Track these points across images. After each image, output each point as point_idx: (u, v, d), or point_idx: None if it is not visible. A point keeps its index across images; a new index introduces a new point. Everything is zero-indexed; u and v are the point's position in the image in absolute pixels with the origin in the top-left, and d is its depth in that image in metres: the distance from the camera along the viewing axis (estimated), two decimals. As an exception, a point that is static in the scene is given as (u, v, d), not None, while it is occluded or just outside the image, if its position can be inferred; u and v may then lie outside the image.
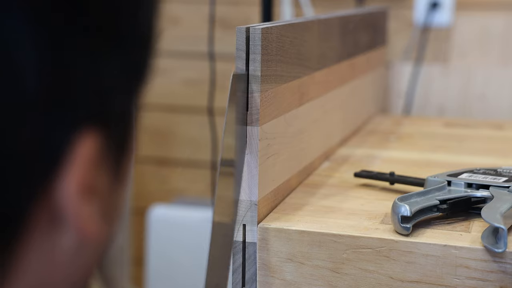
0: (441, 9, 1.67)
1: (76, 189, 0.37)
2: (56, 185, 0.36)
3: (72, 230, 0.38)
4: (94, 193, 0.38)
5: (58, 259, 0.39)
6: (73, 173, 0.37)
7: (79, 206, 0.37)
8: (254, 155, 0.79)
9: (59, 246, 0.38)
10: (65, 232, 0.38)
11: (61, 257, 0.39)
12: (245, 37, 0.79)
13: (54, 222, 0.37)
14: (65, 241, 0.38)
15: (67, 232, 0.38)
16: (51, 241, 0.38)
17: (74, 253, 0.39)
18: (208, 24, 1.71)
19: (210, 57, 1.70)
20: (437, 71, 1.67)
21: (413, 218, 0.78)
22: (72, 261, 0.39)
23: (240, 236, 0.80)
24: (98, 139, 0.38)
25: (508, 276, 0.73)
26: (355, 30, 1.23)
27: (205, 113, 1.78)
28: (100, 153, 0.38)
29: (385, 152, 1.18)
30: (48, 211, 0.37)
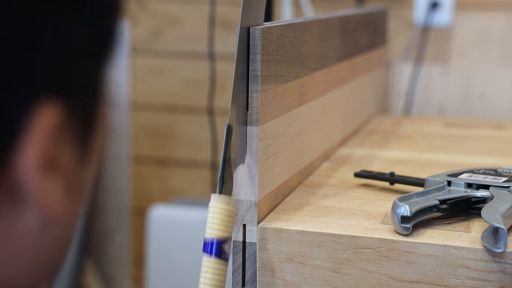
0: (441, 9, 1.67)
1: (36, 162, 0.35)
2: (14, 157, 0.34)
3: (34, 206, 0.36)
4: (56, 168, 0.36)
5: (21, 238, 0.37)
6: (32, 144, 0.34)
7: (40, 181, 0.35)
8: (254, 155, 0.79)
9: (21, 224, 0.36)
10: (27, 209, 0.36)
11: (25, 235, 0.37)
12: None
13: (15, 199, 0.35)
14: (28, 220, 0.36)
15: (30, 209, 0.36)
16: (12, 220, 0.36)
17: (39, 232, 0.37)
18: (208, 24, 1.71)
19: (210, 57, 1.70)
20: (437, 71, 1.68)
21: (413, 218, 0.78)
22: (38, 240, 0.37)
23: (240, 236, 0.80)
24: (60, 110, 0.35)
25: (508, 276, 0.73)
26: (355, 30, 1.23)
27: (205, 113, 1.78)
28: (63, 125, 0.36)
29: (385, 152, 1.18)
30: (7, 187, 0.35)
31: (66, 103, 0.36)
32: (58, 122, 0.35)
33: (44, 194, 0.35)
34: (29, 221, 0.36)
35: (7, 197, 0.35)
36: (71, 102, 0.36)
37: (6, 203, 0.35)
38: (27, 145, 0.34)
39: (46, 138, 0.35)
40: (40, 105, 0.34)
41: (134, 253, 1.98)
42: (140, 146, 1.97)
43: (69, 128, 0.36)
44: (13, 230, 0.36)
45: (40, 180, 0.35)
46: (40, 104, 0.34)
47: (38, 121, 0.34)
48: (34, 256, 0.38)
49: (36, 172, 0.35)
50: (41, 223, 0.37)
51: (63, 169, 0.36)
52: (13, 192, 0.35)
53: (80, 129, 0.38)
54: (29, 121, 0.34)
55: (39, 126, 0.34)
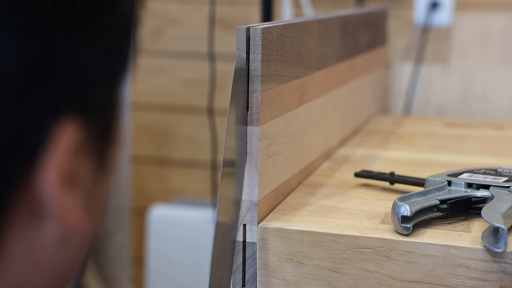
0: (441, 9, 1.67)
1: (57, 178, 0.35)
2: (36, 175, 0.35)
3: (55, 222, 0.36)
4: (76, 184, 0.37)
5: (40, 253, 0.37)
6: (53, 162, 0.35)
7: (60, 196, 0.36)
8: (254, 155, 0.79)
9: (41, 239, 0.37)
10: (47, 224, 0.37)
11: (44, 250, 0.37)
12: (245, 37, 0.79)
13: (35, 214, 0.36)
14: (48, 234, 0.37)
15: (49, 225, 0.37)
16: (32, 234, 0.37)
17: (58, 247, 0.38)
18: (208, 24, 1.71)
19: (210, 57, 1.70)
20: (437, 71, 1.68)
21: (413, 218, 0.78)
22: (56, 255, 0.38)
23: (240, 236, 0.80)
24: (80, 128, 0.36)
25: (508, 276, 0.73)
26: (355, 30, 1.23)
27: (205, 113, 1.78)
28: (82, 142, 0.37)
29: (385, 152, 1.18)
30: (28, 202, 0.36)
31: (85, 121, 0.37)
32: (78, 140, 0.36)
33: (64, 209, 0.36)
34: (49, 235, 0.37)
35: (29, 212, 0.36)
36: (89, 119, 0.37)
37: (27, 217, 0.36)
38: (48, 162, 0.35)
39: (66, 155, 0.36)
40: (61, 124, 0.35)
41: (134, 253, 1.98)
42: (140, 146, 1.97)
43: (87, 145, 0.37)
44: (33, 243, 0.37)
45: (60, 195, 0.36)
46: (61, 122, 0.35)
47: (59, 139, 0.35)
48: (53, 269, 0.39)
49: (56, 187, 0.36)
50: (60, 237, 0.37)
51: (82, 184, 0.37)
52: (34, 206, 0.36)
53: (97, 145, 0.39)
54: (50, 139, 0.35)
55: (60, 143, 0.35)
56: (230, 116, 0.76)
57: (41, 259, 0.38)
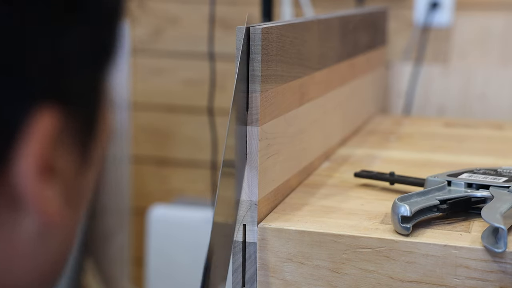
0: (441, 9, 1.67)
1: (34, 168, 0.34)
2: (12, 162, 0.34)
3: (33, 212, 0.35)
4: (55, 175, 0.36)
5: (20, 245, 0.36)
6: (29, 150, 0.34)
7: (38, 186, 0.35)
8: (254, 155, 0.79)
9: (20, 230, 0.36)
10: (25, 215, 0.35)
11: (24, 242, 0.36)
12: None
13: (13, 204, 0.35)
14: (27, 225, 0.36)
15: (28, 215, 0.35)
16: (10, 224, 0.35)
17: (38, 239, 0.37)
18: (208, 24, 1.71)
19: (210, 57, 1.70)
20: (437, 71, 1.68)
21: (413, 218, 0.78)
22: (37, 248, 0.37)
23: (240, 236, 0.80)
24: (58, 116, 0.35)
25: (508, 276, 0.73)
26: (355, 30, 1.23)
27: (205, 113, 1.78)
28: (61, 132, 0.35)
29: (385, 152, 1.18)
30: (5, 191, 0.35)
31: (65, 109, 0.35)
32: (57, 128, 0.35)
33: (42, 200, 0.35)
34: (28, 228, 0.36)
35: (6, 203, 0.35)
36: (70, 108, 0.36)
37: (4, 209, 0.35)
38: (25, 151, 0.34)
39: (44, 144, 0.34)
40: (38, 111, 0.34)
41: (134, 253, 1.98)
42: (140, 146, 1.97)
43: (68, 134, 0.36)
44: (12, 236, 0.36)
45: (38, 185, 0.35)
46: (38, 110, 0.34)
47: (36, 127, 0.34)
48: (35, 264, 0.37)
49: (34, 177, 0.34)
50: (40, 229, 0.36)
51: (62, 175, 0.36)
52: (11, 197, 0.35)
53: (80, 135, 0.37)
54: (27, 127, 0.34)
55: (37, 132, 0.34)
56: (232, 116, 0.75)
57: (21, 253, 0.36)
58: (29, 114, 0.34)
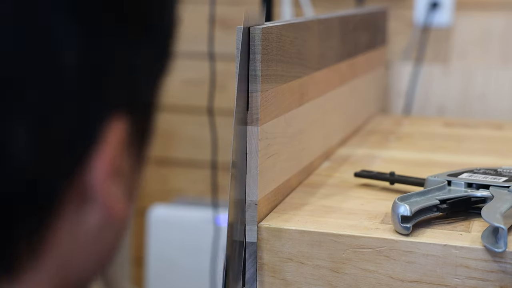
0: (441, 9, 1.67)
1: (106, 171, 0.38)
2: (88, 167, 0.38)
3: (101, 209, 0.39)
4: (121, 175, 0.40)
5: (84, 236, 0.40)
6: (104, 156, 0.38)
7: (108, 185, 0.39)
8: (254, 155, 0.79)
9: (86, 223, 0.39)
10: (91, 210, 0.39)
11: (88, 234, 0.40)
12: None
13: (84, 202, 0.39)
14: (92, 219, 0.39)
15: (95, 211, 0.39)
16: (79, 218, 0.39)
17: (100, 231, 0.40)
18: (208, 24, 1.71)
19: (210, 57, 1.70)
20: (437, 71, 1.68)
21: (413, 218, 0.78)
22: (98, 239, 0.41)
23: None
24: (127, 125, 0.39)
25: (508, 276, 0.73)
26: (355, 30, 1.23)
27: (205, 113, 1.78)
28: (128, 138, 0.40)
29: (385, 152, 1.18)
30: (79, 191, 0.38)
31: (131, 118, 0.40)
32: (125, 135, 0.39)
33: (111, 198, 0.39)
34: (93, 222, 0.40)
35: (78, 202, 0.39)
36: (135, 118, 0.40)
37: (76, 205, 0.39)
38: (100, 155, 0.38)
39: (115, 150, 0.39)
40: (111, 121, 0.38)
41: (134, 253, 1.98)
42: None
43: (131, 140, 0.40)
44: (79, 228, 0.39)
45: (108, 184, 0.39)
46: (111, 120, 0.38)
47: (109, 135, 0.38)
48: (94, 253, 0.41)
49: (104, 179, 0.39)
50: (103, 223, 0.40)
51: (126, 174, 0.41)
52: (84, 197, 0.39)
53: (138, 139, 0.42)
54: (102, 134, 0.38)
55: (110, 139, 0.38)
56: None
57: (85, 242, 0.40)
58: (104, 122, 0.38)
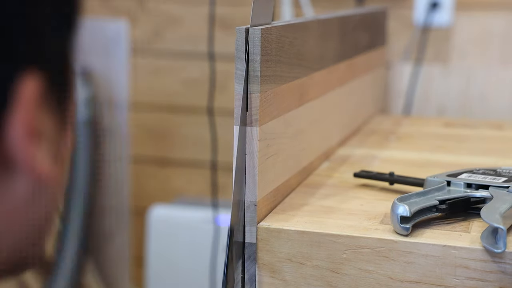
0: (441, 9, 1.67)
1: (23, 130, 0.37)
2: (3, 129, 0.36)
3: (25, 172, 0.38)
4: (41, 135, 0.38)
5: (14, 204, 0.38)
6: (18, 116, 0.36)
7: (28, 147, 0.37)
8: (253, 155, 0.79)
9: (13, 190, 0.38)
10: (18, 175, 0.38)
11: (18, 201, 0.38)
12: (245, 37, 0.79)
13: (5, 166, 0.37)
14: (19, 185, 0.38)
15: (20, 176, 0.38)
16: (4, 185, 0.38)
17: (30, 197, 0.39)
18: (208, 24, 1.71)
19: (210, 57, 1.70)
20: (437, 71, 1.68)
21: (413, 219, 0.78)
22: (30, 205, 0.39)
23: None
24: (39, 81, 0.38)
25: (507, 276, 0.73)
26: (354, 30, 1.23)
27: (205, 113, 1.78)
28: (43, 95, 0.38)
29: (384, 152, 1.18)
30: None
31: (43, 74, 0.38)
32: (39, 93, 0.38)
33: (33, 160, 0.38)
34: (21, 187, 0.38)
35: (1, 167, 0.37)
36: (47, 73, 0.39)
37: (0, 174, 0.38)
38: (13, 116, 0.36)
39: (30, 108, 0.37)
40: (22, 78, 0.37)
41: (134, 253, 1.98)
42: (140, 146, 1.97)
43: (48, 98, 0.39)
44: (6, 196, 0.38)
45: (28, 147, 0.37)
46: (22, 77, 0.37)
47: (22, 93, 0.37)
48: (27, 220, 0.40)
49: (24, 140, 0.37)
50: (32, 188, 0.39)
51: (47, 136, 0.39)
52: (4, 160, 0.37)
53: (56, 97, 0.40)
54: (13, 93, 0.36)
55: (23, 97, 0.37)
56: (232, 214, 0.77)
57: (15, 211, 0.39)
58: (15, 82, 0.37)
